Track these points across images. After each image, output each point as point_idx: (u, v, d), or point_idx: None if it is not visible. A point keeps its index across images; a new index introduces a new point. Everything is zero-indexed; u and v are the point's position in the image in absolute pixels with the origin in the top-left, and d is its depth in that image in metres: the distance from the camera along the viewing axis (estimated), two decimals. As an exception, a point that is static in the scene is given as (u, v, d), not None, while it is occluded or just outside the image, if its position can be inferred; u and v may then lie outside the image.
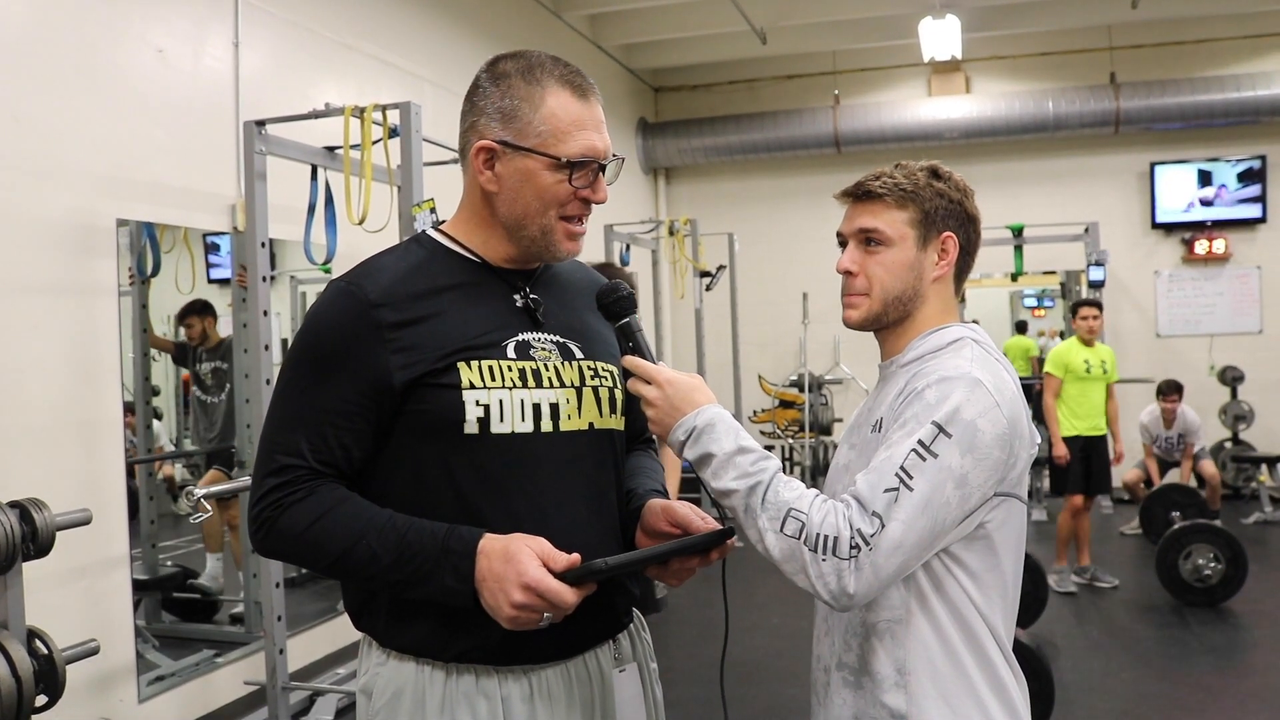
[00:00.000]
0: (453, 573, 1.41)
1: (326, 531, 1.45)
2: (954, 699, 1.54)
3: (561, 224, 1.55)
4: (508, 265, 1.61)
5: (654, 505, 1.62)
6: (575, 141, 1.52)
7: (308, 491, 1.47)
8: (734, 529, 1.55)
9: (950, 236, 1.65)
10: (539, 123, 1.51)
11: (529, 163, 1.52)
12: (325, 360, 1.50)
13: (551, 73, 1.54)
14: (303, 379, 1.52)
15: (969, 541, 1.54)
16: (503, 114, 1.53)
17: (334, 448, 1.48)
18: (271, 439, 1.51)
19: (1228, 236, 9.54)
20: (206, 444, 5.35)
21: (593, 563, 1.40)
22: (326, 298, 1.54)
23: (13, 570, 2.80)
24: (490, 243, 1.59)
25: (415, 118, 4.01)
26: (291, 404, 1.52)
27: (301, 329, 1.56)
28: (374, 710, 1.54)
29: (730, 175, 10.56)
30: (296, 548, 1.49)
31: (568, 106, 1.52)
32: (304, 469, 1.47)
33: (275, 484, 1.48)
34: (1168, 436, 8.14)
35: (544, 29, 8.17)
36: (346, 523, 1.45)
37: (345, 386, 1.48)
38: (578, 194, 1.54)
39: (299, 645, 4.96)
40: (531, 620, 1.39)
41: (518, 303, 1.59)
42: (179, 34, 4.57)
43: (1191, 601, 5.87)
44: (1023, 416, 1.55)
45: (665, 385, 1.53)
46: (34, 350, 3.81)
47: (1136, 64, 9.50)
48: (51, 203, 3.89)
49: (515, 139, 1.52)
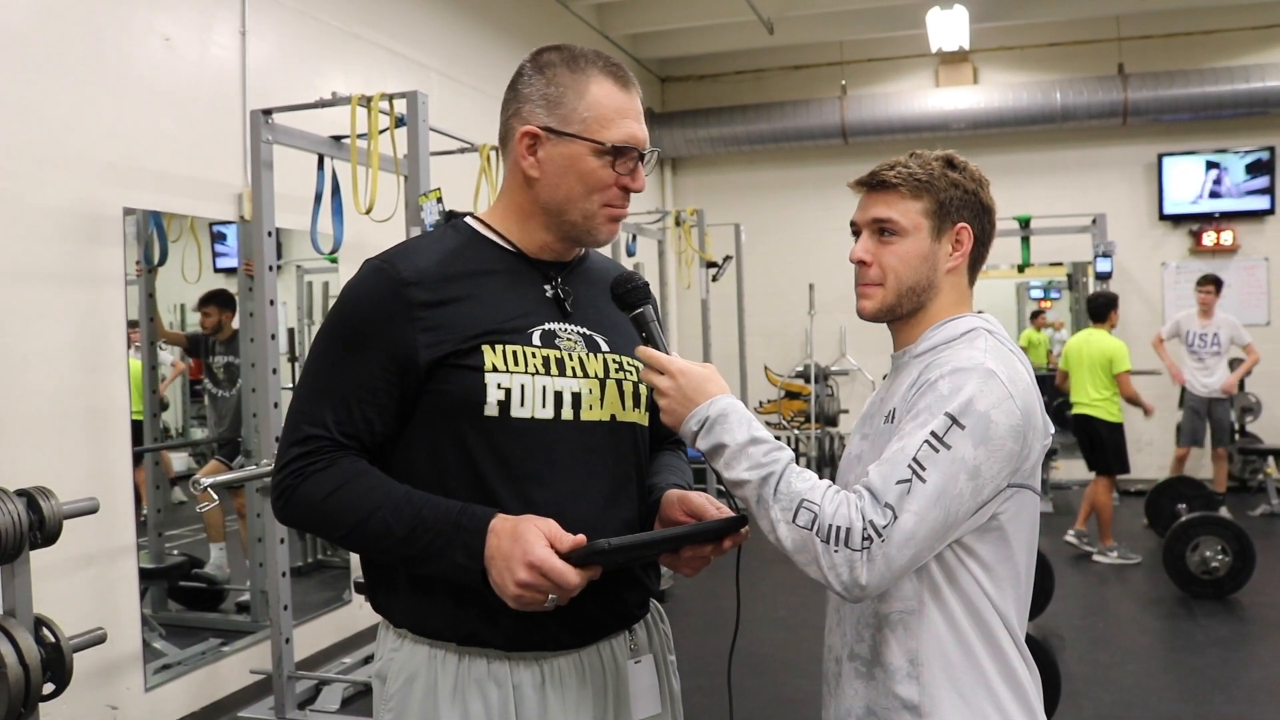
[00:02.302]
0: (464, 549, 1.43)
1: (344, 502, 1.48)
2: (966, 690, 1.53)
3: (604, 209, 1.58)
4: (542, 255, 1.62)
5: (670, 495, 1.64)
6: (618, 129, 1.55)
7: (329, 462, 1.49)
8: (746, 517, 1.55)
9: (965, 227, 1.64)
10: (584, 109, 1.54)
11: (573, 148, 1.54)
12: (355, 335, 1.52)
13: (595, 63, 1.57)
14: (332, 352, 1.54)
15: (982, 533, 1.53)
16: (548, 101, 1.55)
17: (358, 421, 1.51)
18: (298, 409, 1.54)
19: (1236, 228, 9.51)
20: (213, 437, 5.35)
21: (596, 542, 1.40)
22: (360, 275, 1.57)
23: (20, 558, 2.81)
24: (527, 232, 1.61)
25: (422, 107, 4.00)
26: (320, 376, 1.54)
27: (335, 305, 1.58)
28: (388, 695, 1.55)
29: (737, 166, 10.54)
30: (314, 516, 1.51)
31: (611, 95, 1.56)
32: (327, 440, 1.50)
33: (299, 453, 1.50)
34: (1201, 334, 7.84)
35: (552, 18, 8.15)
36: (364, 494, 1.47)
37: (373, 362, 1.50)
38: (619, 180, 1.56)
39: (305, 634, 4.97)
40: (536, 600, 1.40)
41: (548, 293, 1.61)
42: (186, 22, 4.56)
43: (1198, 594, 5.86)
44: (1036, 408, 1.54)
45: (678, 375, 1.53)
46: (41, 339, 3.81)
47: (1145, 55, 9.46)
48: (58, 191, 3.89)
49: (560, 125, 1.54)
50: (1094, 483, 7.02)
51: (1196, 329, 7.93)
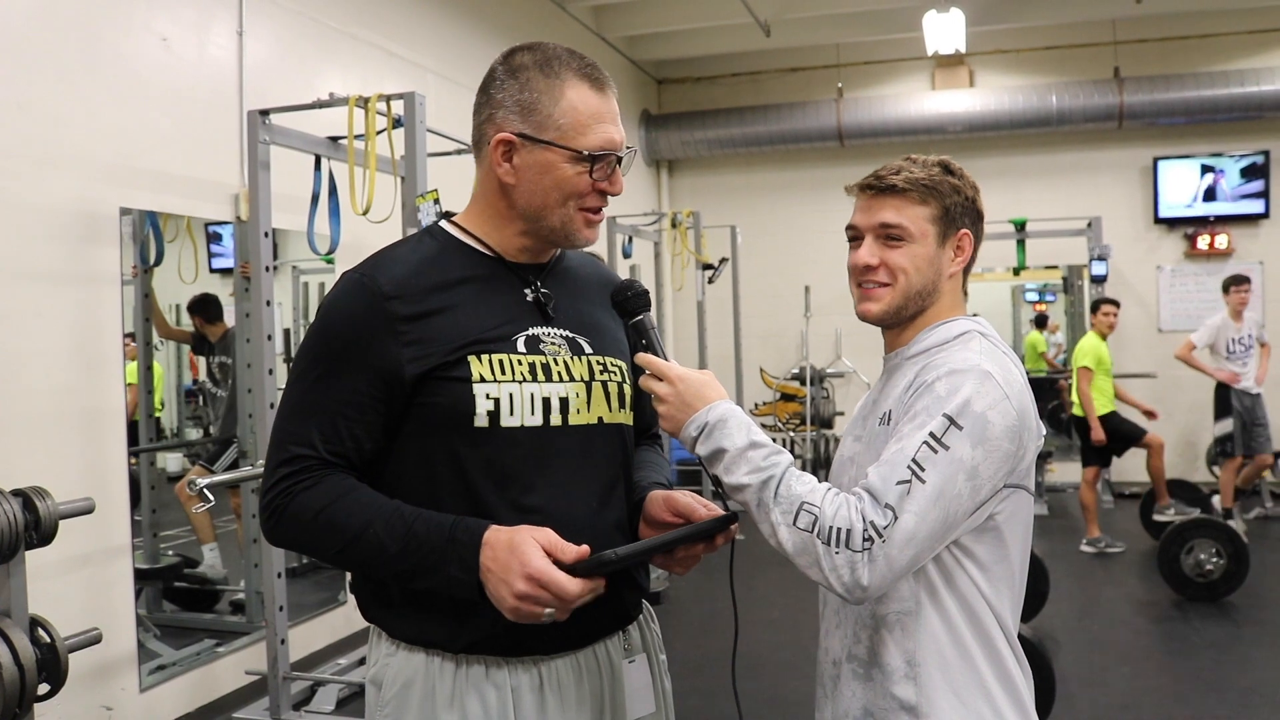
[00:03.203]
0: (458, 563, 1.42)
1: (334, 520, 1.46)
2: (962, 690, 1.54)
3: (581, 214, 1.56)
4: (521, 258, 1.61)
5: (655, 496, 1.63)
6: (595, 134, 1.52)
7: (316, 480, 1.48)
8: (737, 514, 1.56)
9: (967, 234, 1.66)
10: (559, 116, 1.51)
11: (549, 155, 1.52)
12: (338, 352, 1.50)
13: (569, 65, 1.54)
14: (316, 370, 1.52)
15: (979, 533, 1.54)
16: (521, 107, 1.53)
17: (345, 439, 1.49)
18: (283, 429, 1.52)
19: (1230, 232, 9.52)
20: (206, 435, 5.35)
21: (602, 554, 1.40)
22: (340, 289, 1.55)
23: (16, 558, 2.80)
24: (504, 236, 1.60)
25: (419, 108, 4.00)
26: (304, 394, 1.52)
27: (315, 320, 1.56)
28: (384, 701, 1.54)
29: (733, 168, 10.54)
30: (304, 536, 1.50)
31: (586, 99, 1.53)
32: (315, 459, 1.48)
33: (286, 473, 1.48)
34: (1239, 336, 7.54)
35: (548, 20, 8.15)
36: (354, 511, 1.46)
37: (357, 378, 1.49)
38: (596, 186, 1.55)
39: (300, 635, 4.97)
40: (534, 613, 1.39)
41: (528, 297, 1.60)
42: (183, 22, 4.56)
43: (1193, 596, 5.87)
44: (1030, 409, 1.55)
45: (677, 381, 1.53)
46: (37, 338, 3.80)
47: (1140, 58, 9.48)
48: (55, 191, 3.88)
49: (534, 132, 1.52)
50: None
51: (1233, 333, 7.61)
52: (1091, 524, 7.23)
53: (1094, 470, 7.26)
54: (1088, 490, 7.25)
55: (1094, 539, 7.17)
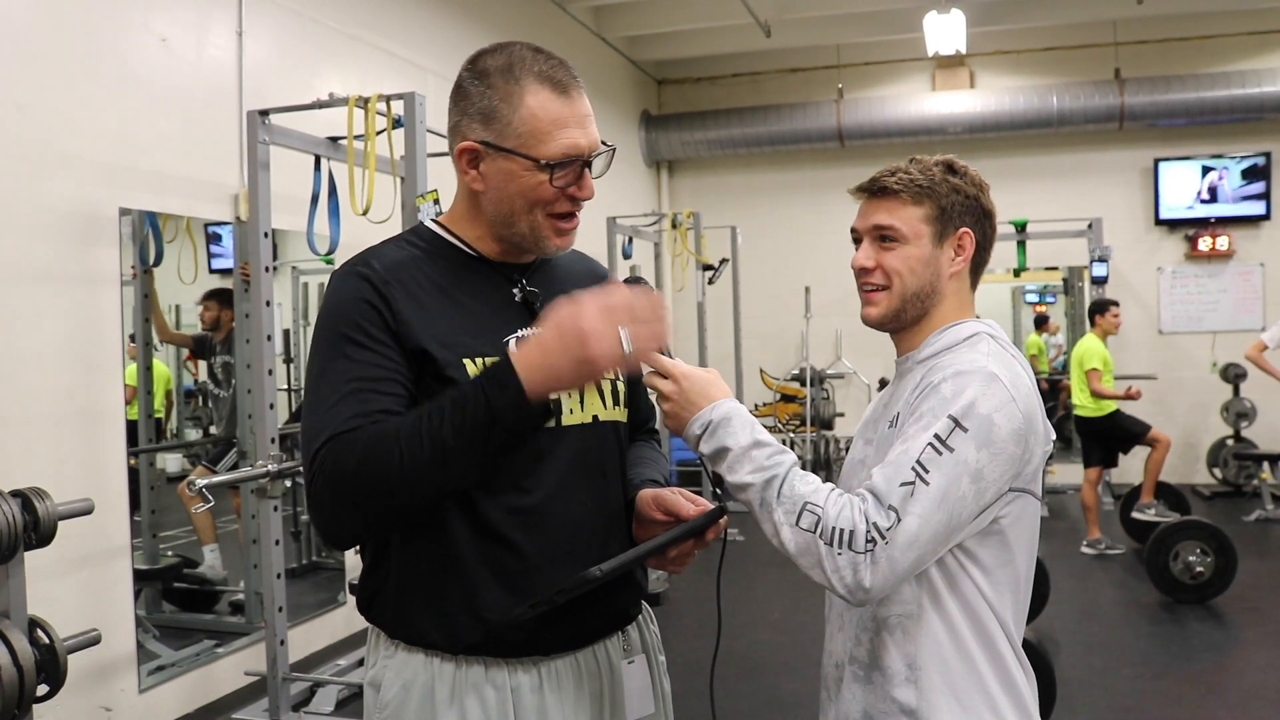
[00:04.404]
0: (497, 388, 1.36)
1: (377, 454, 1.38)
2: (964, 694, 1.53)
3: (549, 221, 1.54)
4: (505, 258, 1.60)
5: (644, 495, 1.62)
6: (556, 142, 1.48)
7: (349, 442, 1.40)
8: (725, 507, 1.55)
9: (967, 232, 1.64)
10: (518, 124, 1.48)
11: (510, 164, 1.50)
12: (354, 333, 1.47)
13: (531, 69, 1.50)
14: (335, 352, 1.47)
15: (983, 537, 1.53)
16: (483, 115, 1.50)
17: (376, 414, 1.42)
18: (314, 424, 1.44)
19: (1231, 233, 9.51)
20: (209, 436, 5.34)
21: (586, 572, 1.39)
22: (338, 281, 1.53)
23: (14, 559, 2.79)
24: (484, 237, 1.59)
25: (419, 108, 3.99)
26: (328, 385, 1.46)
27: (322, 316, 1.53)
28: (383, 703, 1.53)
29: (733, 168, 10.54)
30: (358, 485, 1.39)
31: (546, 105, 1.49)
32: (354, 429, 1.41)
33: (327, 437, 1.41)
34: None
35: (548, 20, 8.14)
36: (392, 432, 1.39)
37: (379, 352, 1.46)
38: (564, 193, 1.52)
39: (300, 636, 4.96)
40: (614, 345, 1.36)
41: (516, 296, 1.59)
42: (182, 23, 4.55)
43: (1187, 599, 5.86)
44: (1037, 413, 1.54)
45: (681, 380, 1.52)
46: (36, 339, 3.80)
47: (1141, 60, 9.48)
48: (54, 191, 3.88)
49: (496, 140, 1.50)
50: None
51: None
52: (1092, 525, 7.23)
53: (1096, 471, 7.25)
54: (1090, 491, 7.25)
55: (1094, 540, 7.17)
